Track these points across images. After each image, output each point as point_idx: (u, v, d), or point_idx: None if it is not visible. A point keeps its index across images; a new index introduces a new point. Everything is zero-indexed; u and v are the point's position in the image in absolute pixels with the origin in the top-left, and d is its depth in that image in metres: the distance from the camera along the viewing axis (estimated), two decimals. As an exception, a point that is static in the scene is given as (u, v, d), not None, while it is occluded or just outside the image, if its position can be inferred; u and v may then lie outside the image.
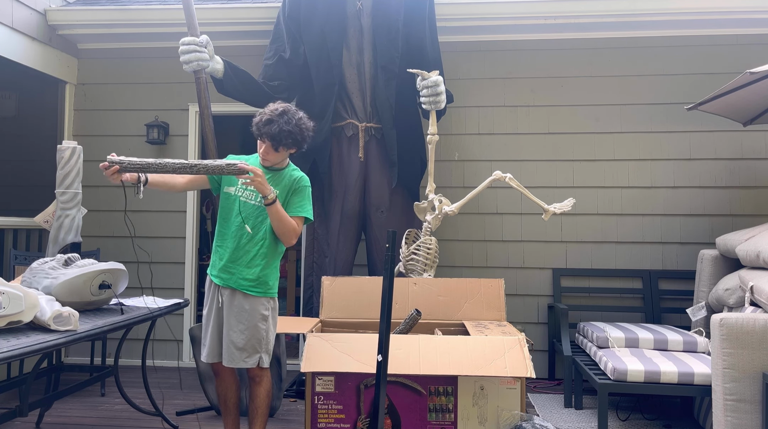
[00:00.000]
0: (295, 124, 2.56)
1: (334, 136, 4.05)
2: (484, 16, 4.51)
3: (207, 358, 2.68)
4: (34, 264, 2.92)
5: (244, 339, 2.59)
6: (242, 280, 2.60)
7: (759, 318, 2.73)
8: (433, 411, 2.64)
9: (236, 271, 2.60)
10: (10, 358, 2.00)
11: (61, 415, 3.52)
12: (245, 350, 2.59)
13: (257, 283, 2.61)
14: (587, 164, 4.55)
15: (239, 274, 2.60)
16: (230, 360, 2.61)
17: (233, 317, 2.61)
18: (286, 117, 2.55)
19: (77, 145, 3.84)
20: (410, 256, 3.65)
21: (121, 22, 4.70)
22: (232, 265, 2.61)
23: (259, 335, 2.61)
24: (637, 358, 3.30)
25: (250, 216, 2.61)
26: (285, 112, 2.57)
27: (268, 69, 4.05)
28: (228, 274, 2.61)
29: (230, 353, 2.61)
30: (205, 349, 2.69)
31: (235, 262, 2.61)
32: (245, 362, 2.60)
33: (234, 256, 2.61)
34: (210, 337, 2.67)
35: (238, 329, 2.59)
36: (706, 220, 4.44)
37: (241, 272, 2.60)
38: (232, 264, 2.61)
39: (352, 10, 4.02)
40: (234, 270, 2.61)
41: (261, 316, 2.62)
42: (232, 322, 2.61)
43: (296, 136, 2.57)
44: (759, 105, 3.83)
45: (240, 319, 2.60)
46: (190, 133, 4.82)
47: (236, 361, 2.60)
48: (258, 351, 2.62)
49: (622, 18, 4.41)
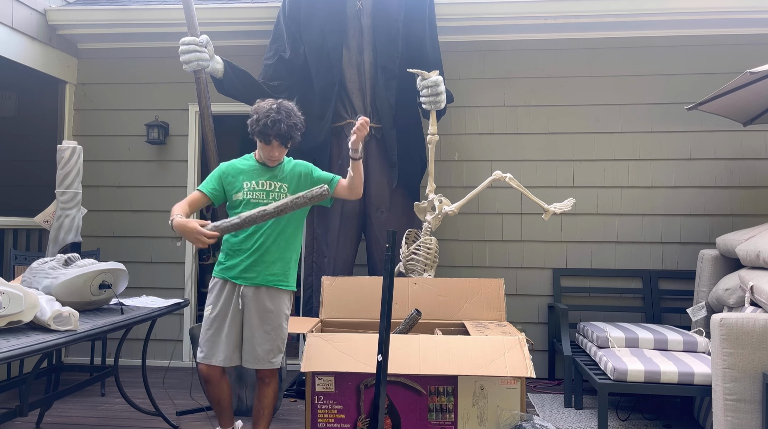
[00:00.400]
0: (295, 114, 2.62)
1: (334, 136, 4.05)
2: (484, 16, 4.52)
3: (225, 362, 2.61)
4: (34, 264, 2.92)
5: (270, 340, 2.59)
6: (269, 275, 2.61)
7: (759, 318, 2.73)
8: (433, 411, 2.63)
9: (261, 268, 2.61)
10: (10, 358, 2.00)
11: (61, 415, 3.52)
12: (272, 351, 2.60)
13: (283, 276, 2.63)
14: (587, 164, 4.55)
15: (265, 270, 2.61)
16: (255, 362, 2.60)
17: (257, 318, 2.60)
18: (285, 112, 2.58)
19: (77, 145, 3.84)
20: (410, 256, 3.65)
21: (120, 22, 4.70)
22: (256, 265, 2.60)
23: (283, 335, 2.64)
24: (637, 358, 3.30)
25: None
26: (281, 107, 2.60)
27: (268, 69, 4.05)
28: (254, 273, 2.61)
29: (254, 355, 2.60)
30: (221, 354, 2.61)
31: (260, 261, 2.60)
32: (271, 363, 2.60)
33: (257, 256, 2.61)
34: (226, 340, 2.62)
35: (263, 330, 2.59)
36: (706, 220, 4.44)
37: (267, 269, 2.61)
38: (257, 264, 2.60)
39: (352, 10, 4.02)
40: (259, 268, 2.61)
41: (285, 316, 2.64)
42: (255, 322, 2.60)
43: (300, 126, 2.65)
44: (759, 105, 3.83)
45: (265, 319, 2.60)
46: (190, 133, 4.82)
47: (262, 363, 2.59)
48: (281, 350, 2.64)
49: (622, 18, 4.42)
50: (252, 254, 2.61)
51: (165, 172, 4.80)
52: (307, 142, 4.03)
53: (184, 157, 4.82)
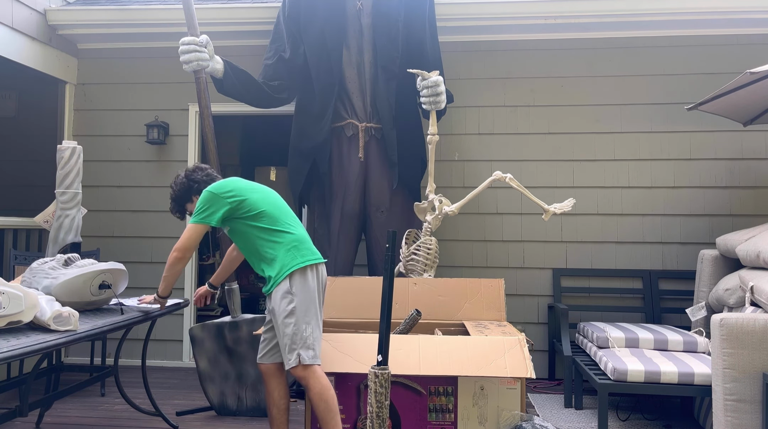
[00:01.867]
0: (173, 189, 2.88)
1: (334, 136, 4.04)
2: (484, 16, 4.51)
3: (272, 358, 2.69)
4: (34, 264, 2.92)
5: (280, 340, 2.54)
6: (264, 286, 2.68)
7: (759, 318, 2.73)
8: (433, 411, 2.63)
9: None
10: (10, 358, 1.99)
11: (61, 415, 3.52)
12: (285, 350, 2.51)
13: (266, 279, 2.64)
14: (587, 164, 4.54)
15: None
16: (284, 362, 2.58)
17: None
18: (171, 191, 2.90)
19: (77, 145, 3.84)
20: (410, 256, 3.65)
21: (120, 22, 4.70)
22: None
23: (287, 330, 2.50)
24: (637, 358, 3.30)
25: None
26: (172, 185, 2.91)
27: (268, 69, 4.05)
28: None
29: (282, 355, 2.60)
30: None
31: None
32: (288, 362, 2.49)
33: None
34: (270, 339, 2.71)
35: (277, 332, 2.58)
36: (706, 220, 4.44)
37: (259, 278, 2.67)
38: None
39: (352, 10, 4.02)
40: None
41: (284, 312, 2.51)
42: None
43: (179, 195, 2.86)
44: (759, 105, 3.83)
45: (273, 321, 2.61)
46: (190, 133, 4.82)
47: (285, 363, 2.54)
48: (293, 348, 2.48)
49: (622, 18, 4.41)
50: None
51: (165, 173, 4.80)
52: (306, 142, 4.04)
53: (184, 157, 4.81)
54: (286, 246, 2.58)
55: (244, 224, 2.61)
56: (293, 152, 4.13)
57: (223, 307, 5.86)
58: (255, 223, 2.59)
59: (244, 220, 2.60)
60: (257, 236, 2.60)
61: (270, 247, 2.59)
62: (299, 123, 4.10)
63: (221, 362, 3.60)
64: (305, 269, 2.56)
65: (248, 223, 2.60)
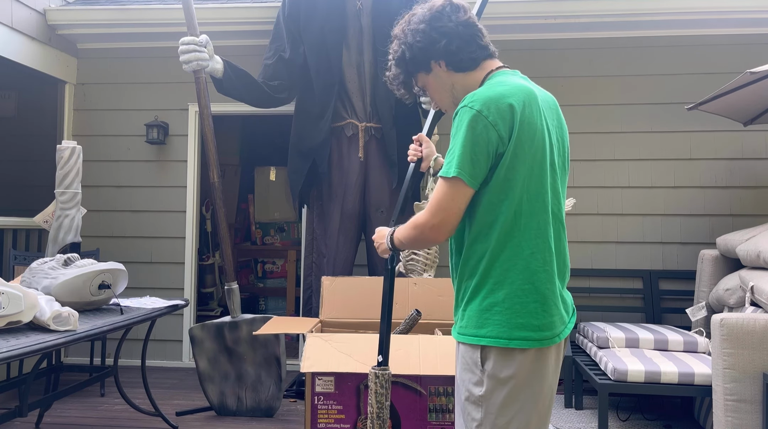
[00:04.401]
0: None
1: (333, 136, 4.04)
2: (483, 16, 4.49)
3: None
4: (34, 264, 2.92)
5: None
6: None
7: (759, 318, 2.73)
8: (433, 411, 2.63)
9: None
10: (9, 358, 1.99)
11: (61, 416, 3.52)
12: None
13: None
14: (587, 164, 4.54)
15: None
16: None
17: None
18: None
19: (77, 145, 3.84)
20: (410, 256, 3.65)
21: (120, 22, 4.69)
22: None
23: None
24: (637, 358, 3.30)
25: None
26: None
27: (268, 69, 4.04)
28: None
29: None
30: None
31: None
32: None
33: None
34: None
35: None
36: (706, 220, 4.43)
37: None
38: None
39: (352, 10, 4.02)
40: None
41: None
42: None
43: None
44: (759, 105, 3.83)
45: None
46: (189, 133, 4.82)
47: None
48: None
49: (622, 18, 4.41)
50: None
51: (165, 172, 4.80)
52: (306, 142, 4.03)
53: (183, 157, 4.81)
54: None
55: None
56: (293, 152, 4.12)
57: (223, 307, 5.87)
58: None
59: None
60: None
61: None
62: (299, 123, 4.10)
63: (221, 362, 3.60)
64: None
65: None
